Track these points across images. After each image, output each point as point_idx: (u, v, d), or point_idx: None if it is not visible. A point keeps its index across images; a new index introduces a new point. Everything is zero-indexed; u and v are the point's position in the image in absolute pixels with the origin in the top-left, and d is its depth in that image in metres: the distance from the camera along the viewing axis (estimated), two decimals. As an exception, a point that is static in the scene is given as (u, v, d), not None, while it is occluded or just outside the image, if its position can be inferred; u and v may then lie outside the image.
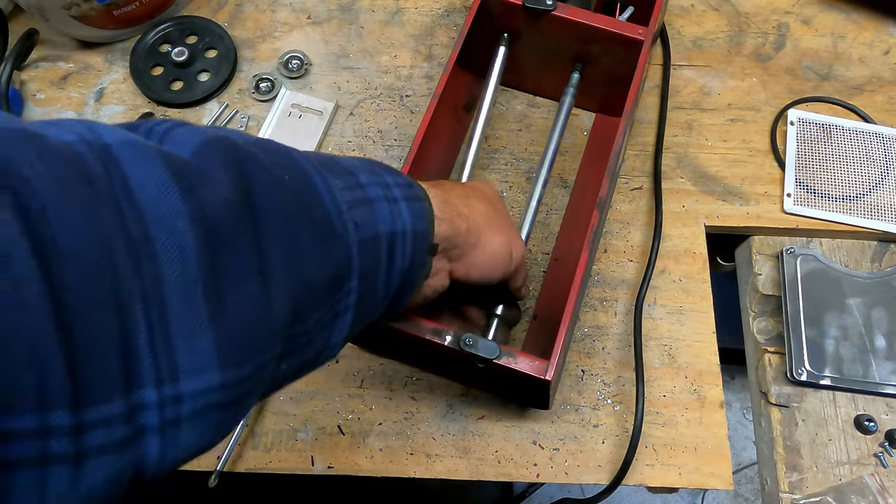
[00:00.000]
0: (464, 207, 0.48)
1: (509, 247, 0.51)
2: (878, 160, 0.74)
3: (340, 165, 0.40)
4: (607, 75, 0.71)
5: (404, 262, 0.41)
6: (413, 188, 0.43)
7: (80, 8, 0.75)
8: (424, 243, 0.43)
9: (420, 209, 0.43)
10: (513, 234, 0.52)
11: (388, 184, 0.42)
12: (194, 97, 0.77)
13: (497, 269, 0.51)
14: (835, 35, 0.82)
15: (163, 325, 0.26)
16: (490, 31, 0.70)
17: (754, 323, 0.69)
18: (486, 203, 0.51)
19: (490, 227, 0.50)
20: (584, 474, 0.63)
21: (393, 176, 0.43)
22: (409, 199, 0.42)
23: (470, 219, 0.48)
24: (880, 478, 0.62)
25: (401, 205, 0.41)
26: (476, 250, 0.49)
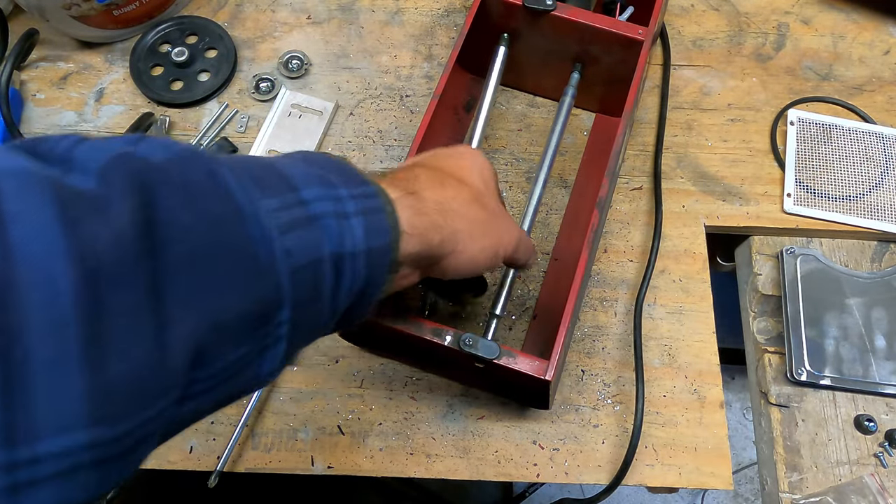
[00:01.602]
0: (439, 216, 0.42)
1: (493, 249, 0.47)
2: (878, 160, 0.74)
3: (283, 181, 0.35)
4: (607, 75, 0.71)
5: (355, 283, 0.37)
6: (374, 199, 0.38)
7: (80, 8, 0.75)
8: (384, 261, 0.38)
9: (380, 225, 0.38)
10: (501, 230, 0.48)
11: (342, 196, 0.37)
12: (194, 97, 0.77)
13: (477, 269, 0.47)
14: (835, 35, 0.82)
15: (22, 378, 0.24)
16: (490, 31, 0.70)
17: (754, 323, 0.69)
18: (471, 199, 0.46)
19: (472, 233, 0.45)
20: (584, 474, 0.63)
21: (351, 186, 0.38)
22: (368, 212, 0.37)
23: (446, 229, 0.43)
24: (880, 478, 0.62)
25: (353, 221, 0.36)
26: (452, 257, 0.44)
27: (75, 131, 0.77)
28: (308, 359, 0.67)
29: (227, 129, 0.77)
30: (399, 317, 0.55)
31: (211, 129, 0.77)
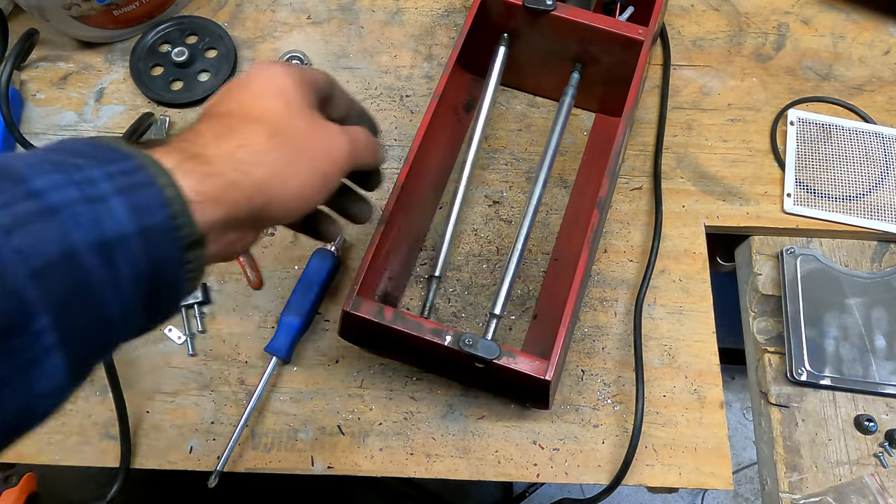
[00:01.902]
0: (233, 172, 0.38)
1: (320, 172, 0.42)
2: (878, 160, 0.74)
3: (4, 177, 0.31)
4: (607, 75, 0.71)
5: (140, 269, 0.33)
6: (139, 173, 0.34)
7: (80, 8, 0.75)
8: (169, 238, 0.34)
9: (152, 198, 0.33)
10: (321, 147, 0.43)
11: (93, 178, 0.32)
12: (194, 97, 0.77)
13: (313, 201, 0.42)
14: (835, 35, 0.82)
15: None
16: (490, 31, 0.70)
17: (754, 323, 0.69)
18: (269, 134, 0.40)
19: (282, 172, 0.40)
20: (584, 474, 0.63)
21: (106, 164, 0.33)
22: (132, 188, 0.33)
23: (246, 183, 0.38)
24: (880, 478, 0.62)
25: (112, 202, 0.32)
26: (273, 206, 0.40)
27: (75, 131, 0.77)
28: (308, 359, 0.67)
29: (227, 129, 0.77)
30: (399, 317, 0.56)
31: (211, 129, 0.76)
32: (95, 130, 0.77)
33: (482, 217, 0.72)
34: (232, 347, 0.67)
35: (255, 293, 0.69)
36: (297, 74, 0.44)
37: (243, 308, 0.69)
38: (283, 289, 0.69)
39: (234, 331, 0.68)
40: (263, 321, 0.68)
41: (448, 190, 0.74)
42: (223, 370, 0.66)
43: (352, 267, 0.70)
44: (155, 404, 0.65)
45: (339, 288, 0.70)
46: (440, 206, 0.73)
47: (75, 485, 0.96)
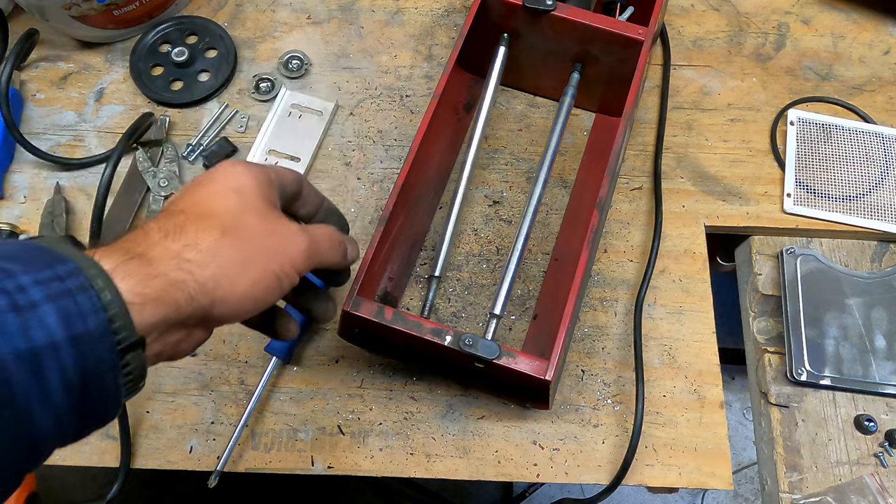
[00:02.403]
0: (178, 271, 0.37)
1: (273, 272, 0.41)
2: (878, 160, 0.74)
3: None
4: (607, 75, 0.71)
5: (69, 377, 0.32)
6: (74, 279, 0.33)
7: (80, 8, 0.75)
8: (104, 344, 0.33)
9: (84, 306, 0.33)
10: (276, 246, 0.42)
11: (22, 285, 0.32)
12: (194, 97, 0.77)
13: (261, 302, 0.41)
14: (835, 35, 0.82)
15: None
16: (490, 31, 0.70)
17: (754, 323, 0.69)
18: (221, 233, 0.40)
19: (232, 272, 0.39)
20: (584, 474, 0.63)
21: (38, 270, 0.33)
22: (62, 295, 0.32)
23: (190, 282, 0.37)
24: (880, 478, 0.62)
25: (42, 309, 0.32)
26: (219, 305, 0.39)
27: (76, 131, 0.77)
28: (308, 359, 0.67)
29: (227, 129, 0.77)
30: (399, 317, 0.56)
31: (211, 129, 0.77)
32: (95, 130, 0.77)
33: (482, 217, 0.72)
34: (232, 347, 0.67)
35: (255, 293, 0.69)
36: (259, 173, 0.43)
37: (243, 308, 0.69)
38: (283, 289, 0.69)
39: (234, 331, 0.68)
40: (263, 321, 0.68)
41: (448, 190, 0.74)
42: (223, 370, 0.66)
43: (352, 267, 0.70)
44: (155, 404, 0.65)
45: (340, 288, 0.70)
46: (440, 206, 0.73)
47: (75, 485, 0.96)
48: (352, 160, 0.75)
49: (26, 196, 0.74)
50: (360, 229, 0.72)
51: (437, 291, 0.68)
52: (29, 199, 0.74)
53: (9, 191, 0.74)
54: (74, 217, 0.72)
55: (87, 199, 0.73)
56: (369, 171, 0.75)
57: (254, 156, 0.75)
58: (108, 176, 0.64)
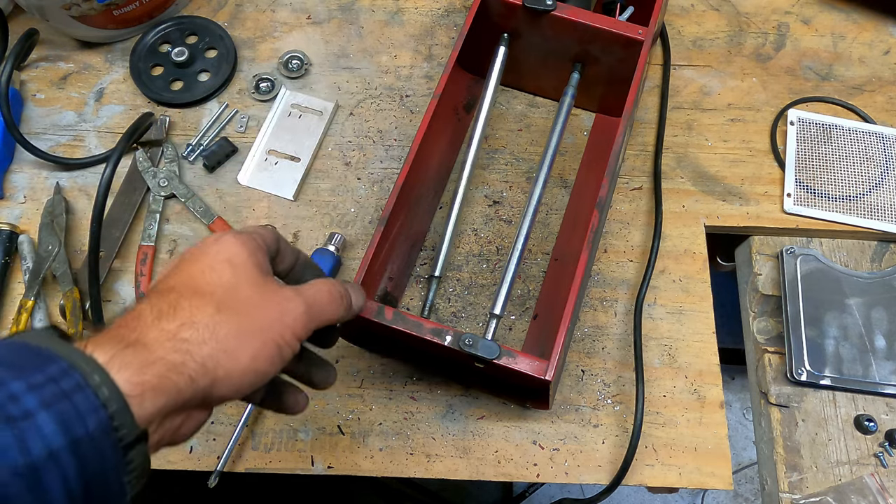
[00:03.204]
0: (176, 354, 0.36)
1: (273, 342, 0.39)
2: (878, 160, 0.74)
3: None
4: (607, 75, 0.71)
5: (71, 486, 0.31)
6: (70, 376, 0.32)
7: (80, 8, 0.75)
8: (106, 443, 0.32)
9: (85, 403, 0.31)
10: (271, 317, 0.40)
11: (14, 394, 0.30)
12: (194, 97, 0.77)
13: (263, 374, 0.39)
14: (835, 35, 0.82)
15: None
16: (490, 31, 0.70)
17: (754, 323, 0.69)
18: (215, 309, 0.38)
19: (231, 347, 0.38)
20: (584, 474, 0.63)
21: (30, 374, 0.31)
22: (60, 397, 0.31)
23: (189, 363, 0.36)
24: (880, 478, 0.62)
25: (39, 417, 0.30)
26: (221, 383, 0.37)
27: (76, 131, 0.77)
28: (308, 359, 0.67)
29: (227, 129, 0.77)
30: (399, 317, 0.55)
31: (211, 129, 0.77)
32: (95, 130, 0.77)
33: (482, 217, 0.72)
34: (232, 347, 0.67)
35: (255, 293, 0.69)
36: (248, 240, 0.42)
37: (243, 308, 0.69)
38: (283, 289, 0.69)
39: (234, 331, 0.68)
40: (263, 321, 0.68)
41: (448, 190, 0.74)
42: (223, 370, 0.66)
43: (352, 266, 0.70)
44: (155, 404, 0.65)
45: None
46: (440, 207, 0.73)
47: (75, 485, 0.96)
48: (352, 160, 0.75)
49: (26, 196, 0.74)
50: (360, 229, 0.72)
51: (437, 291, 0.68)
52: (29, 199, 0.74)
53: (9, 191, 0.74)
54: (74, 217, 0.72)
55: (87, 199, 0.73)
56: (369, 171, 0.75)
57: (254, 156, 0.75)
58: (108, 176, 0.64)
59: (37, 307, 0.67)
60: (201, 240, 0.43)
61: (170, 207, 0.73)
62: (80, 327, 0.64)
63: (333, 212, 0.73)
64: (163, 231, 0.72)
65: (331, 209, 0.73)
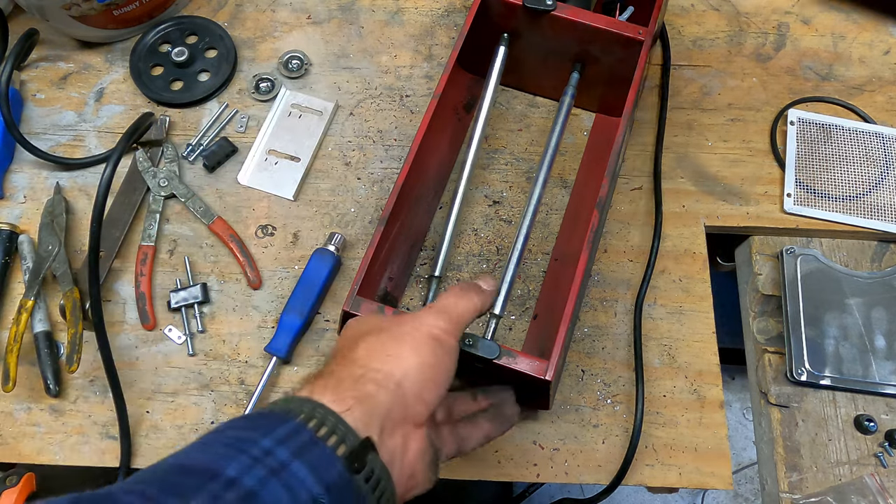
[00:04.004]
0: (354, 370, 0.41)
1: (426, 334, 0.44)
2: (878, 160, 0.74)
3: (197, 471, 0.33)
4: (607, 75, 0.71)
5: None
6: (303, 431, 0.36)
7: (80, 8, 0.75)
8: (361, 464, 0.36)
9: (334, 435, 0.36)
10: (413, 321, 0.45)
11: (267, 449, 0.34)
12: (194, 97, 0.77)
13: (438, 363, 0.44)
14: (835, 35, 0.82)
15: None
16: (490, 31, 0.70)
17: (754, 323, 0.69)
18: (364, 335, 0.45)
19: (390, 350, 0.43)
20: (584, 474, 0.63)
21: (272, 432, 0.35)
22: (306, 445, 0.35)
23: (368, 374, 0.41)
24: (880, 478, 0.62)
25: (293, 466, 0.34)
26: (405, 385, 0.41)
27: (75, 131, 0.77)
28: (308, 359, 0.67)
29: (227, 129, 0.77)
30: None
31: (211, 129, 0.77)
32: (95, 130, 0.77)
33: (482, 217, 0.72)
34: (232, 347, 0.67)
35: (255, 293, 0.69)
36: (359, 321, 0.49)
37: (243, 308, 0.69)
38: (283, 289, 0.69)
39: (234, 331, 0.68)
40: (263, 321, 0.68)
41: (448, 190, 0.74)
42: (223, 370, 0.66)
43: (352, 266, 0.70)
44: (155, 404, 0.65)
45: (340, 288, 0.70)
46: (440, 207, 0.73)
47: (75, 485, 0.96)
48: (352, 160, 0.75)
49: (26, 196, 0.74)
50: (360, 229, 0.72)
51: (437, 291, 0.68)
52: (29, 199, 0.74)
53: (9, 191, 0.74)
54: (74, 217, 0.72)
55: (87, 199, 0.73)
56: (369, 171, 0.75)
57: (254, 156, 0.75)
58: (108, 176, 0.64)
59: (37, 307, 0.67)
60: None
61: (170, 207, 0.73)
62: (80, 327, 0.64)
63: (333, 212, 0.73)
64: (163, 231, 0.72)
65: (331, 209, 0.73)
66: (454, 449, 0.51)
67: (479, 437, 0.52)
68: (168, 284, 0.69)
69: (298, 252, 0.71)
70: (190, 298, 0.68)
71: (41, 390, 0.65)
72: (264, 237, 0.72)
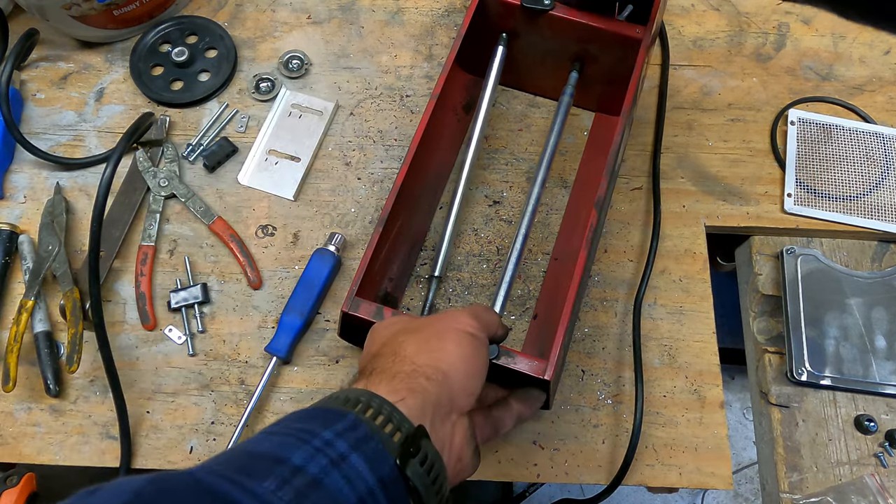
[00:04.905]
0: (405, 366, 0.44)
1: (461, 331, 0.48)
2: (878, 160, 0.74)
3: (265, 457, 0.35)
4: (606, 75, 0.71)
5: None
6: (360, 426, 0.38)
7: (80, 8, 0.75)
8: (416, 448, 0.39)
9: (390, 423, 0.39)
10: (448, 321, 0.49)
11: (328, 440, 0.36)
12: (194, 97, 0.77)
13: (479, 355, 0.48)
14: (835, 35, 0.82)
15: None
16: (488, 31, 0.70)
17: (754, 323, 0.69)
18: (404, 333, 0.48)
19: (433, 347, 0.46)
20: (584, 474, 0.63)
21: (332, 424, 0.37)
22: (363, 439, 0.37)
23: (419, 368, 0.44)
24: (880, 478, 0.62)
25: (352, 458, 0.36)
26: (451, 377, 0.44)
27: (76, 131, 0.77)
28: (308, 359, 0.67)
29: (227, 128, 0.77)
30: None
31: (211, 129, 0.77)
32: (95, 130, 0.77)
33: (482, 217, 0.72)
34: (232, 347, 0.67)
35: (255, 293, 0.69)
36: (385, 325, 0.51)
37: (243, 308, 0.69)
38: (283, 289, 0.69)
39: (234, 331, 0.68)
40: (263, 321, 0.68)
41: (448, 190, 0.74)
42: (223, 370, 0.66)
43: (352, 266, 0.70)
44: (155, 404, 0.65)
45: (340, 288, 0.70)
46: (440, 207, 0.73)
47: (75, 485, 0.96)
48: (352, 160, 0.75)
49: (26, 196, 0.74)
50: (360, 229, 0.72)
51: (437, 291, 0.68)
52: (29, 199, 0.74)
53: (9, 191, 0.74)
54: (74, 217, 0.72)
55: (87, 199, 0.73)
56: (369, 170, 0.75)
57: (254, 156, 0.75)
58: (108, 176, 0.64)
59: (37, 307, 0.67)
60: None
61: (170, 207, 0.73)
62: (80, 327, 0.64)
63: (333, 212, 0.73)
64: (163, 231, 0.72)
65: (331, 209, 0.73)
66: (491, 432, 0.53)
67: (512, 418, 0.55)
68: (168, 284, 0.69)
69: (298, 252, 0.71)
70: (190, 298, 0.68)
71: (41, 390, 0.65)
72: (264, 237, 0.72)
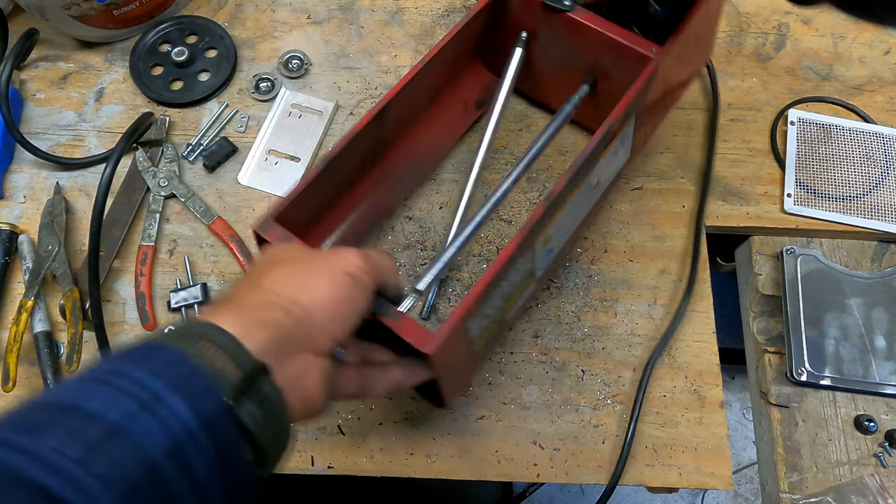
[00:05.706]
0: (264, 296, 0.40)
1: (342, 270, 0.43)
2: (878, 160, 0.74)
3: (54, 407, 0.31)
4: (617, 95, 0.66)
5: (222, 448, 0.33)
6: (184, 361, 0.34)
7: (80, 8, 0.75)
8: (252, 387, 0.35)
9: (227, 358, 0.35)
10: (331, 257, 0.45)
11: (138, 379, 0.32)
12: (194, 97, 0.77)
13: (354, 299, 0.43)
14: (835, 35, 0.82)
15: None
16: (508, 24, 0.69)
17: (754, 323, 0.69)
18: (278, 263, 0.44)
19: (304, 282, 0.42)
20: (584, 474, 0.63)
21: (147, 361, 0.34)
22: (185, 376, 0.33)
23: (276, 300, 0.40)
24: (880, 478, 0.62)
25: (169, 399, 0.32)
26: (315, 316, 0.41)
27: (75, 131, 0.77)
28: (308, 359, 0.67)
29: (227, 128, 0.77)
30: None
31: (211, 129, 0.77)
32: (95, 130, 0.77)
33: (482, 217, 0.72)
34: (232, 347, 0.67)
35: (255, 293, 0.69)
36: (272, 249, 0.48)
37: (243, 308, 0.69)
38: (283, 289, 0.69)
39: (234, 331, 0.68)
40: (263, 321, 0.68)
41: (449, 190, 0.73)
42: (223, 370, 0.66)
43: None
44: (155, 404, 0.65)
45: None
46: (441, 207, 0.73)
47: (75, 485, 0.96)
48: (352, 160, 0.75)
49: (26, 196, 0.74)
50: (360, 229, 0.72)
51: (436, 292, 0.68)
52: (29, 199, 0.74)
53: (9, 191, 0.74)
54: (74, 217, 0.72)
55: (87, 199, 0.73)
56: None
57: (254, 156, 0.75)
58: (108, 176, 0.64)
59: (37, 307, 0.67)
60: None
61: (170, 207, 0.73)
62: (80, 327, 0.64)
63: (333, 212, 0.73)
64: (163, 231, 0.72)
65: (331, 209, 0.73)
66: (357, 389, 0.50)
67: (387, 382, 0.51)
68: (168, 284, 0.69)
69: (298, 252, 0.71)
70: (190, 298, 0.68)
71: (41, 390, 0.65)
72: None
